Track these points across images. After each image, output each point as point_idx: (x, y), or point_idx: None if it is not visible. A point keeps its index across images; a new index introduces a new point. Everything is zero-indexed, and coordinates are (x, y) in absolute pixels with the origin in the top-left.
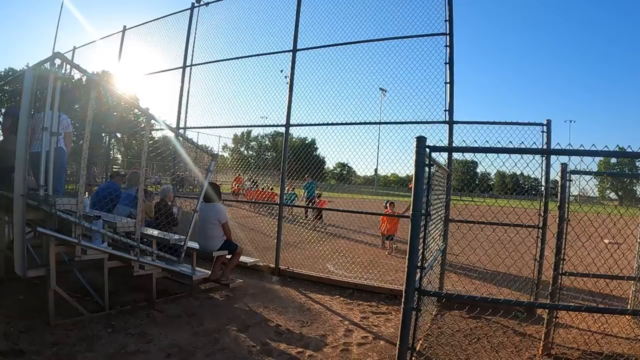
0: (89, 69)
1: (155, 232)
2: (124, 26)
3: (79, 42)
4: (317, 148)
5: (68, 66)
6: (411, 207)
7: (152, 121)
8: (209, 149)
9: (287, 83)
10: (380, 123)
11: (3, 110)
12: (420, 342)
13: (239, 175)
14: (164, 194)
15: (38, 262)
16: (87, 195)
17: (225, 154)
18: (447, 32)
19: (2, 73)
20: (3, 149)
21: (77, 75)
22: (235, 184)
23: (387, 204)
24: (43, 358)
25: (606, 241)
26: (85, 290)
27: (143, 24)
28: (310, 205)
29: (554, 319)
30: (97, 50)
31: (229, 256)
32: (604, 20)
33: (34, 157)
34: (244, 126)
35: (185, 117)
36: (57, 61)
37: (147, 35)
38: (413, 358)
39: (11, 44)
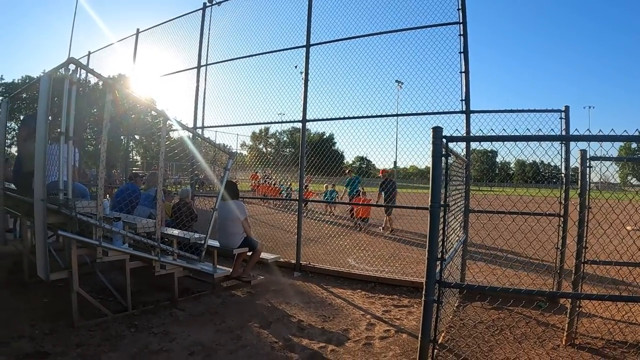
0: (104, 72)
1: (175, 232)
2: (137, 29)
3: (95, 46)
4: (335, 142)
5: (83, 71)
6: (429, 199)
7: (169, 122)
8: (228, 147)
9: (302, 79)
10: (397, 115)
11: (22, 118)
12: (443, 334)
13: (256, 172)
14: (185, 194)
15: (61, 265)
16: (107, 197)
17: (244, 152)
18: (461, 20)
19: (20, 81)
20: (22, 155)
21: (93, 79)
22: (252, 181)
23: (360, 193)
24: (68, 359)
25: (629, 228)
26: (108, 291)
27: (156, 26)
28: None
29: (577, 309)
30: (112, 54)
31: (249, 253)
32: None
33: (51, 187)
34: (260, 123)
35: (203, 116)
36: (72, 66)
37: (161, 37)
38: (435, 350)
39: (30, 53)
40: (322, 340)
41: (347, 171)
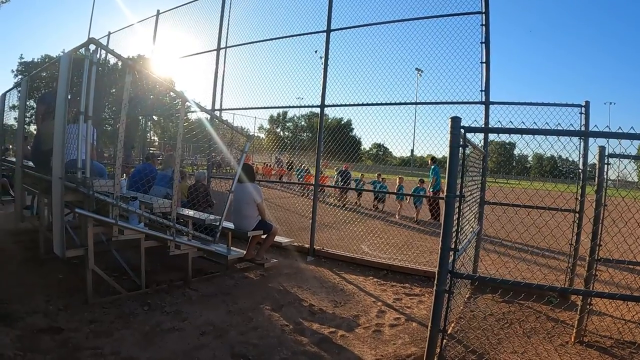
0: (124, 53)
1: (191, 213)
2: (158, 10)
3: (115, 27)
4: (353, 129)
5: (103, 51)
6: (445, 189)
7: (187, 103)
8: (245, 130)
9: (322, 64)
10: (415, 103)
11: (39, 96)
12: (452, 325)
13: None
14: (201, 177)
15: (77, 243)
16: (124, 176)
17: (262, 135)
18: (483, 10)
19: (39, 60)
20: (41, 133)
21: (113, 60)
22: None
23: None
24: (81, 334)
25: None
26: (123, 270)
27: (177, 7)
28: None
29: (587, 306)
30: (132, 35)
31: (264, 236)
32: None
33: (69, 165)
34: (279, 107)
35: (221, 98)
36: (92, 46)
37: (182, 19)
38: (444, 340)
39: (49, 33)
40: (333, 325)
41: (429, 160)
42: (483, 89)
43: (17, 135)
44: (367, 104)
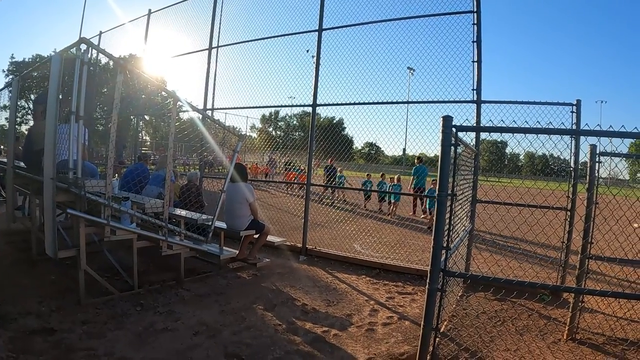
0: (115, 52)
1: (183, 213)
2: (149, 9)
3: (106, 26)
4: (345, 128)
5: (95, 51)
6: (437, 188)
7: (179, 103)
8: (237, 129)
9: (314, 63)
10: (407, 102)
11: (32, 97)
12: (445, 323)
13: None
14: (193, 177)
15: (69, 243)
16: (116, 177)
17: (253, 135)
18: (475, 9)
19: (30, 60)
20: (34, 133)
21: (104, 59)
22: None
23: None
24: (74, 336)
25: (635, 225)
26: (115, 270)
27: (168, 6)
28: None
29: (579, 303)
30: (123, 34)
31: (256, 236)
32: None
33: (60, 165)
34: (270, 106)
35: (213, 98)
36: (83, 46)
37: (173, 18)
38: (437, 339)
39: (40, 32)
40: (326, 324)
41: (415, 160)
42: (475, 87)
43: (8, 135)
44: (359, 103)
